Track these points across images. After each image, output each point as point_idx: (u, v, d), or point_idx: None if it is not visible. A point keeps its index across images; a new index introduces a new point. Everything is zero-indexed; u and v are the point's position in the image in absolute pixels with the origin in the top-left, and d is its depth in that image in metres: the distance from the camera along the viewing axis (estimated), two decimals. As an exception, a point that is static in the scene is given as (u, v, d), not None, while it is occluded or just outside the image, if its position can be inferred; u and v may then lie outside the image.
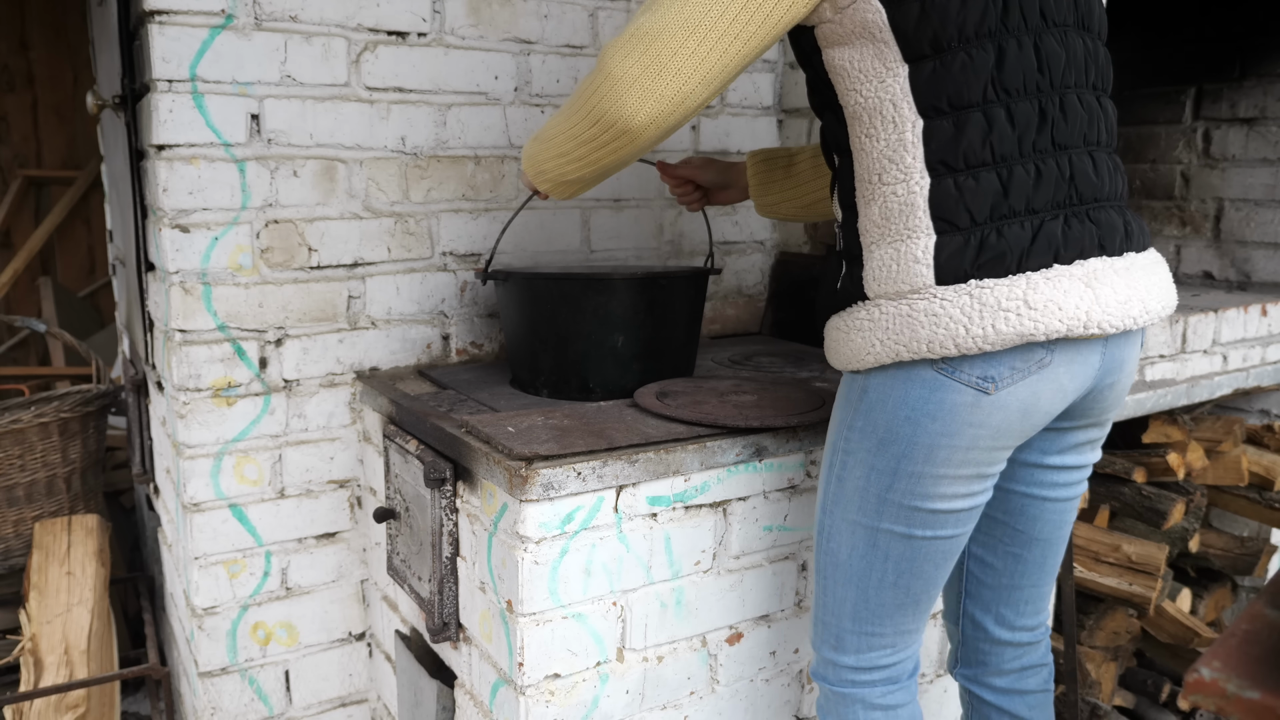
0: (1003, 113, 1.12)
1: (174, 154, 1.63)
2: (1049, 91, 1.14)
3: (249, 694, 1.84)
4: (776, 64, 2.28)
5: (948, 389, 1.15)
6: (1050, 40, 1.14)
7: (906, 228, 1.15)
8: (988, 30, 1.12)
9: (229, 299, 1.71)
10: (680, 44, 1.13)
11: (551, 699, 1.36)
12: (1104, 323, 1.12)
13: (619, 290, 1.63)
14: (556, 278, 1.69)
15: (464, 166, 1.90)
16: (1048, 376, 1.15)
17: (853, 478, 1.25)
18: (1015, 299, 1.10)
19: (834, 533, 1.29)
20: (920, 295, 1.14)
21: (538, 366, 1.69)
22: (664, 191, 2.15)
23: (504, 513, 1.33)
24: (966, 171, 1.13)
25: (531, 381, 1.71)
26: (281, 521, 1.81)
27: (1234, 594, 2.47)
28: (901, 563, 1.25)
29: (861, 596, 1.28)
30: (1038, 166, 1.13)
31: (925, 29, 1.12)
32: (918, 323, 1.14)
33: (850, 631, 1.31)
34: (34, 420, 2.37)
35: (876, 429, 1.21)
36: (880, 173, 1.18)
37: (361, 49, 1.76)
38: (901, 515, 1.22)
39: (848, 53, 1.18)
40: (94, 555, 2.25)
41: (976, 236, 1.12)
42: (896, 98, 1.15)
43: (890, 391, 1.19)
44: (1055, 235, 1.12)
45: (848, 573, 1.29)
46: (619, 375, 1.66)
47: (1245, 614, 0.67)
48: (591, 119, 1.21)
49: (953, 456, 1.17)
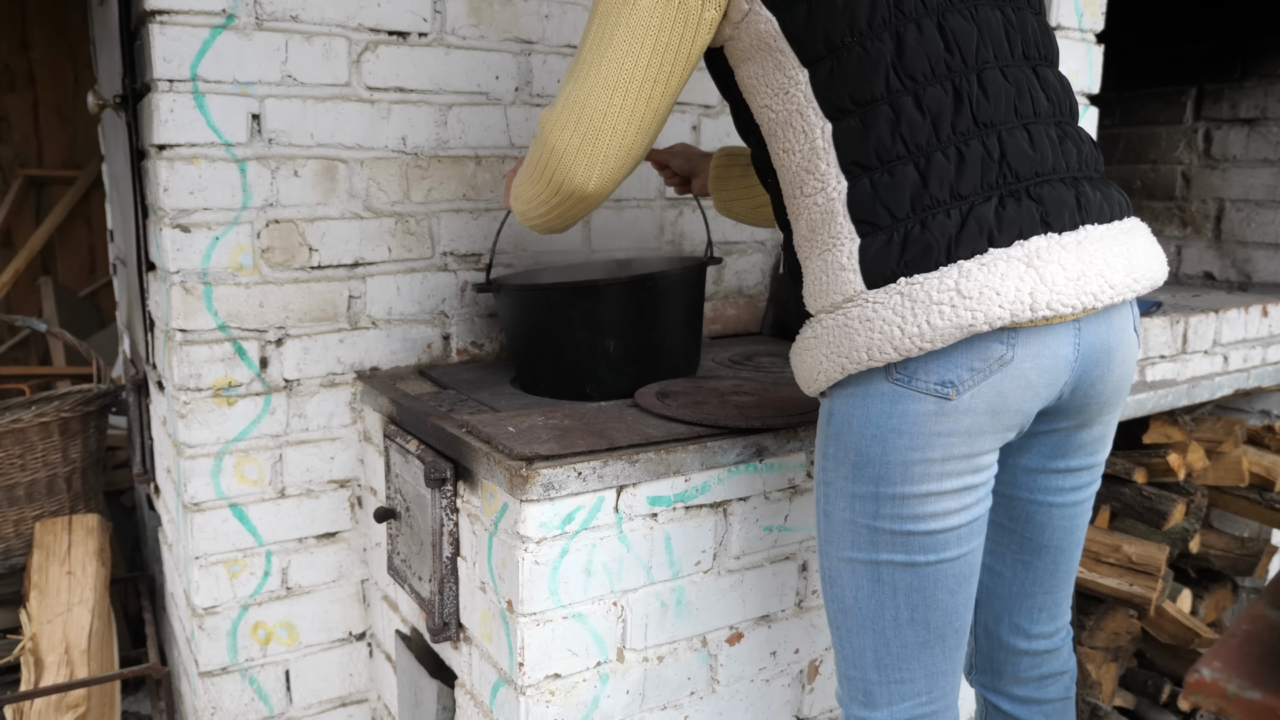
0: (910, 101, 1.08)
1: (175, 154, 1.63)
2: (963, 71, 1.09)
3: (249, 694, 1.84)
4: (777, 64, 2.28)
5: (907, 400, 1.09)
6: (956, 18, 1.10)
7: (831, 236, 1.12)
8: (881, 20, 1.08)
9: (230, 299, 1.71)
10: (607, 104, 1.18)
11: (552, 699, 1.36)
12: (1055, 304, 1.04)
13: (605, 296, 1.60)
14: (543, 288, 1.67)
15: (465, 166, 1.90)
16: (1012, 373, 1.08)
17: (837, 510, 1.18)
18: (947, 289, 1.04)
19: (835, 576, 1.21)
20: (853, 303, 1.10)
21: (536, 372, 1.69)
22: (665, 192, 2.15)
23: (504, 513, 1.33)
24: (881, 168, 1.09)
25: (533, 386, 1.71)
26: (282, 521, 1.82)
27: (1234, 595, 2.47)
28: (912, 594, 1.16)
29: (880, 641, 1.19)
30: (959, 150, 1.07)
31: (815, 29, 1.10)
32: (854, 331, 1.10)
33: (877, 683, 1.21)
34: (34, 420, 2.37)
35: (848, 454, 1.15)
36: (800, 185, 1.16)
37: (362, 49, 1.76)
38: (897, 543, 1.15)
39: (752, 68, 1.18)
40: (94, 555, 2.25)
41: (900, 232, 1.08)
42: (801, 105, 1.13)
43: (853, 411, 1.14)
44: (987, 218, 1.06)
45: (859, 618, 1.20)
46: (614, 380, 1.65)
47: (1246, 614, 0.67)
48: (551, 188, 1.26)
49: (930, 470, 1.11)
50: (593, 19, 1.19)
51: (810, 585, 1.59)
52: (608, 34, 1.17)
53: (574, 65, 1.21)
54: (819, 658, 1.64)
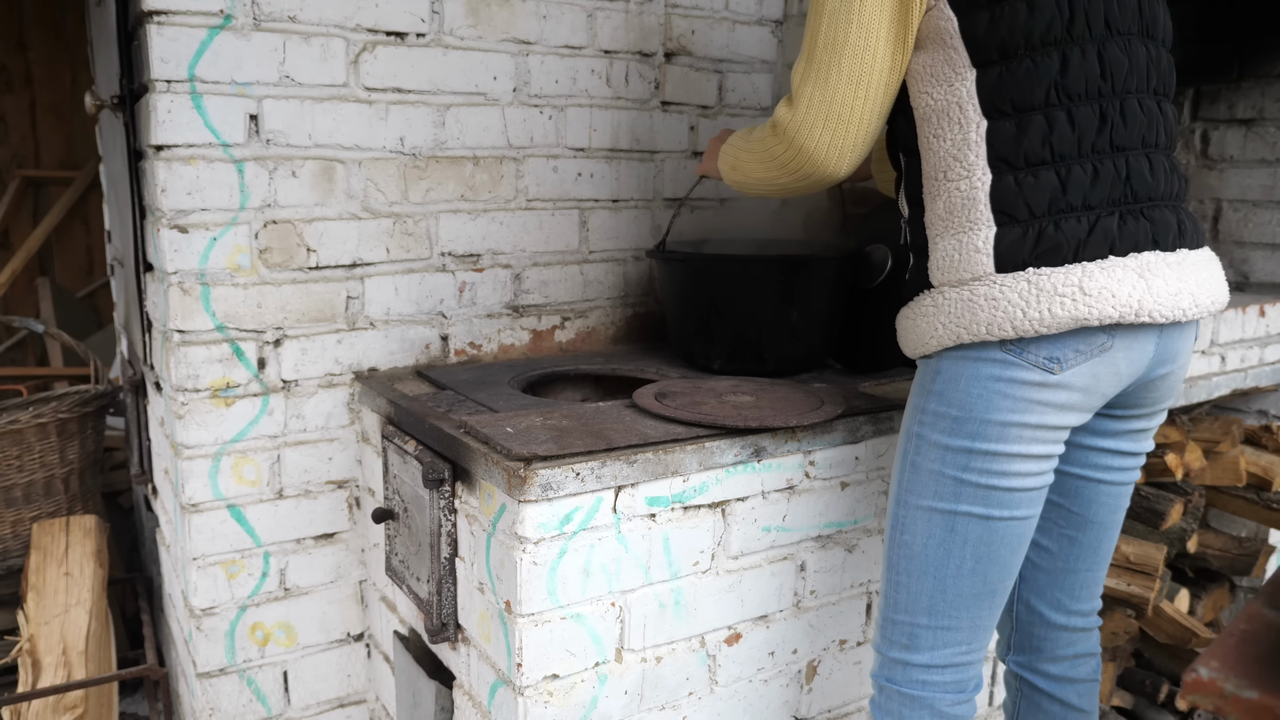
0: (1064, 115, 1.20)
1: (172, 154, 1.63)
2: (1110, 96, 1.22)
3: (247, 695, 1.84)
4: (775, 65, 2.29)
5: (1016, 368, 1.22)
6: (1113, 48, 1.22)
7: (969, 220, 1.24)
8: (1053, 39, 1.19)
9: (227, 299, 1.70)
10: (853, 99, 1.27)
11: (550, 699, 1.36)
12: (1155, 311, 1.19)
13: (808, 269, 1.78)
14: (741, 260, 1.83)
15: (463, 167, 1.90)
16: (1107, 360, 1.22)
17: (927, 462, 1.29)
18: (1071, 285, 1.18)
19: (909, 523, 1.32)
20: (981, 282, 1.23)
21: (711, 341, 1.84)
22: (661, 192, 2.15)
23: (502, 513, 1.33)
24: (1027, 169, 1.21)
25: (701, 356, 1.87)
26: (280, 522, 1.81)
27: (1232, 594, 2.47)
28: (980, 547, 1.28)
29: (939, 587, 1.31)
30: (1095, 166, 1.21)
31: (994, 37, 1.20)
32: (978, 306, 1.22)
33: (925, 627, 1.33)
34: (32, 421, 2.37)
35: (950, 409, 1.26)
36: (945, 170, 1.26)
37: (360, 49, 1.76)
38: (979, 496, 1.26)
39: (921, 57, 1.27)
40: (92, 556, 2.25)
41: (1035, 228, 1.20)
42: (963, 100, 1.23)
43: (962, 371, 1.26)
44: (1111, 229, 1.20)
45: (924, 563, 1.31)
46: (792, 348, 1.82)
47: (1243, 614, 0.67)
48: (797, 177, 1.36)
49: (1024, 434, 1.23)
50: (818, 19, 1.28)
51: (808, 585, 1.59)
52: (841, 32, 1.25)
53: (807, 66, 1.30)
54: (817, 658, 1.64)
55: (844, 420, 1.55)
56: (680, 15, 2.12)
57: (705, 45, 2.17)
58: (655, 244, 1.93)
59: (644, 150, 2.11)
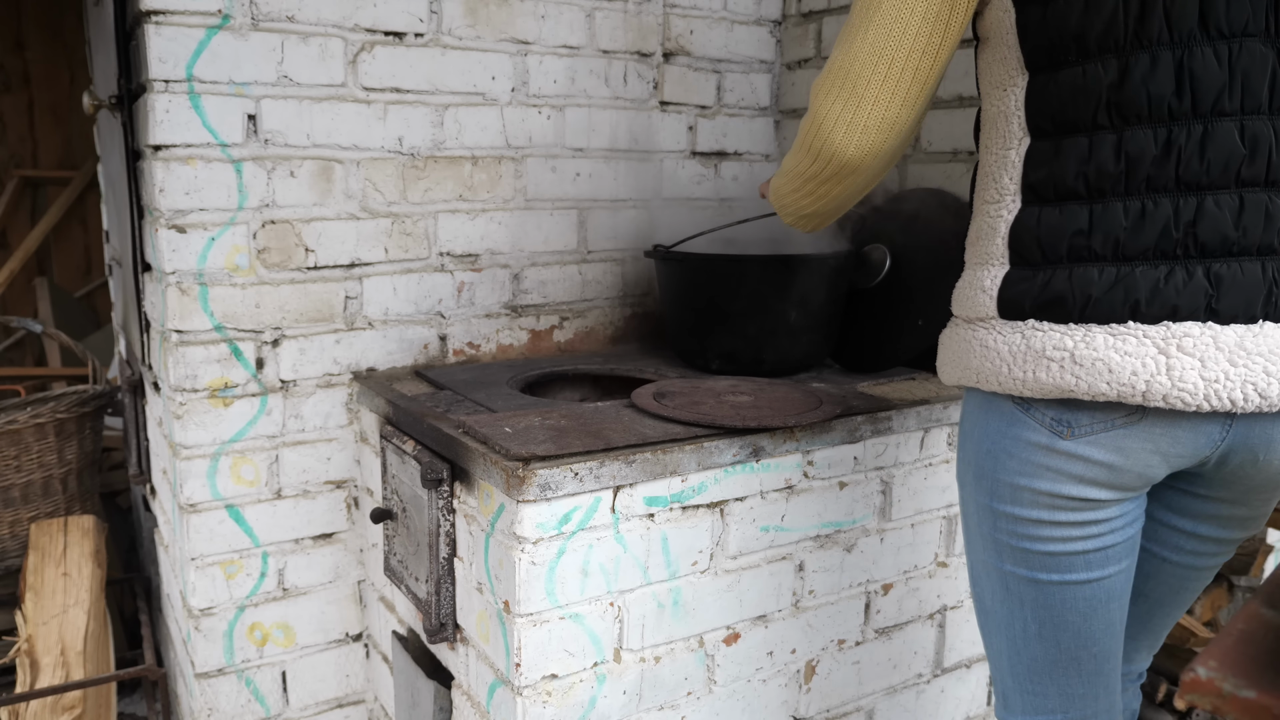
0: (1111, 140, 1.00)
1: (170, 154, 1.63)
2: (1186, 118, 0.97)
3: (246, 695, 1.83)
4: (774, 65, 2.29)
5: (1022, 425, 1.08)
6: (1204, 55, 0.96)
7: (985, 253, 1.11)
8: (1113, 43, 0.98)
9: (226, 299, 1.70)
10: (873, 72, 1.09)
11: (549, 699, 1.36)
12: (1172, 398, 0.97)
13: (800, 269, 1.77)
14: (739, 259, 1.81)
15: (461, 167, 1.90)
16: (1140, 434, 1.02)
17: (970, 515, 1.19)
18: (1062, 350, 1.01)
19: (977, 576, 1.22)
20: (983, 324, 1.10)
21: (708, 340, 1.84)
22: (660, 192, 2.15)
23: (501, 513, 1.33)
24: (1054, 203, 1.04)
25: (699, 355, 1.87)
26: (278, 522, 1.81)
27: (1230, 594, 2.47)
28: (1039, 610, 1.13)
29: (1013, 649, 1.18)
30: (1143, 206, 0.98)
31: (1044, 36, 1.03)
32: (971, 351, 1.11)
33: (1013, 690, 1.21)
34: (30, 421, 2.37)
35: (970, 462, 1.16)
36: (984, 189, 1.13)
37: (358, 49, 1.76)
38: (1019, 558, 1.12)
39: (986, 54, 1.13)
40: (90, 556, 2.25)
41: (1044, 275, 1.04)
42: (1010, 111, 1.08)
43: (975, 423, 1.14)
44: (1140, 287, 0.98)
45: (995, 621, 1.20)
46: (790, 348, 1.82)
47: (1241, 614, 0.67)
48: (811, 156, 1.19)
49: (1039, 500, 1.08)
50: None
51: (807, 585, 1.59)
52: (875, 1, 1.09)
53: (843, 32, 1.15)
54: (816, 658, 1.64)
55: (842, 420, 1.55)
56: (679, 15, 2.12)
57: (704, 45, 2.17)
58: (653, 244, 1.93)
59: (642, 150, 2.11)
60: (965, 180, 1.89)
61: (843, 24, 1.21)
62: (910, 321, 1.83)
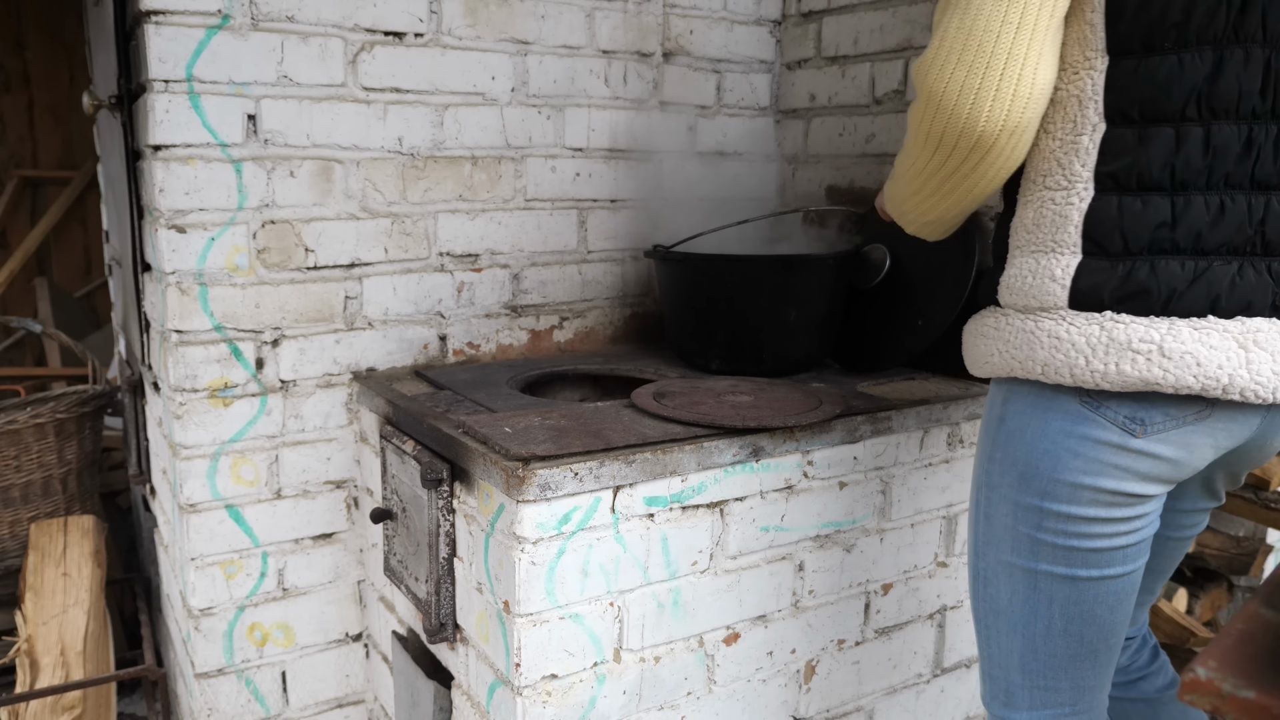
0: (1199, 134, 0.99)
1: (170, 154, 1.63)
2: (1265, 118, 0.99)
3: (245, 695, 1.83)
4: (774, 65, 2.29)
5: (1091, 424, 1.06)
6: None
7: (1054, 241, 1.07)
8: (1212, 35, 0.97)
9: (225, 299, 1.70)
10: (1002, 24, 1.00)
11: (548, 699, 1.36)
12: (1248, 392, 1.00)
13: (798, 269, 1.78)
14: (739, 259, 1.81)
15: (461, 167, 1.90)
16: (1204, 429, 1.04)
17: (999, 515, 1.16)
18: (1150, 343, 1.00)
19: (990, 577, 1.19)
20: (1049, 315, 1.07)
21: (709, 341, 1.84)
22: (660, 192, 2.15)
23: (501, 513, 1.33)
24: (1137, 193, 1.02)
25: (700, 355, 1.87)
26: (278, 522, 1.81)
27: (1230, 594, 2.47)
28: (1069, 607, 1.14)
29: (1029, 647, 1.18)
30: (1223, 202, 1.00)
31: (1141, 20, 0.99)
32: (1038, 342, 1.07)
33: (1021, 686, 1.20)
34: (30, 421, 2.37)
35: (1016, 462, 1.13)
36: (1045, 173, 1.09)
37: (358, 49, 1.76)
38: (1059, 556, 1.12)
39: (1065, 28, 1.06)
40: (90, 556, 2.25)
41: (1125, 266, 1.02)
42: (1085, 95, 1.04)
43: (1028, 423, 1.11)
44: (1220, 283, 1.00)
45: (1011, 620, 1.18)
46: (791, 349, 1.83)
47: (1241, 613, 0.67)
48: (932, 145, 1.08)
49: (1099, 498, 1.08)
50: None
51: (807, 585, 1.59)
52: None
53: (943, 2, 1.06)
54: (815, 658, 1.64)
55: (842, 420, 1.55)
56: (678, 15, 2.12)
57: (703, 45, 2.17)
58: (653, 244, 1.93)
59: (642, 150, 2.11)
60: (965, 180, 1.88)
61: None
62: (910, 321, 1.83)
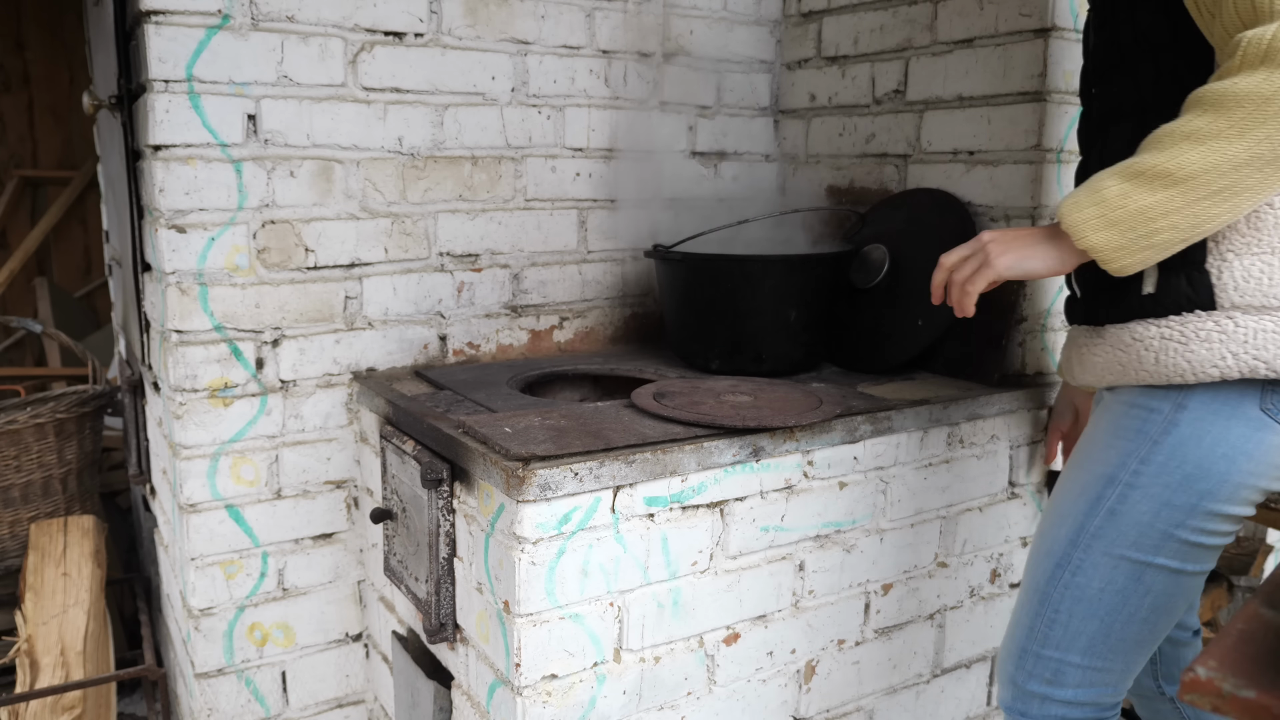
0: None
1: (170, 154, 1.63)
2: None
3: (245, 695, 1.83)
4: (774, 65, 2.29)
5: (1270, 430, 1.13)
6: None
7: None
8: None
9: (225, 299, 1.70)
10: None
11: (549, 699, 1.36)
12: None
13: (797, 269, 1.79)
14: (739, 259, 1.80)
15: (461, 167, 1.90)
16: None
17: (1135, 513, 1.20)
18: None
19: (1086, 567, 1.24)
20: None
21: (709, 341, 1.84)
22: (660, 192, 2.15)
23: (501, 513, 1.33)
24: None
25: (700, 355, 1.87)
26: (278, 522, 1.81)
27: (1230, 594, 2.47)
28: (1161, 598, 1.22)
29: (1104, 631, 1.24)
30: None
31: None
32: (1272, 341, 1.10)
33: (1076, 666, 1.26)
34: (30, 421, 2.37)
35: (1184, 465, 1.17)
36: None
37: (358, 49, 1.76)
38: (1182, 551, 1.19)
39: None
40: (90, 556, 2.25)
41: None
42: None
43: (1209, 428, 1.15)
44: None
45: (1094, 607, 1.24)
46: (789, 349, 1.83)
47: (1241, 614, 0.67)
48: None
49: (1251, 496, 1.17)
50: None
51: (807, 585, 1.59)
52: None
53: None
54: (816, 658, 1.64)
55: (842, 420, 1.55)
56: (679, 15, 2.12)
57: (704, 45, 2.17)
58: (653, 244, 1.93)
59: (642, 150, 2.11)
60: (965, 180, 1.88)
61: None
62: (910, 321, 1.83)
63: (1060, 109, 1.75)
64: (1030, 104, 1.76)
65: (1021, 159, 1.79)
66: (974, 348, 1.82)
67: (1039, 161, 1.76)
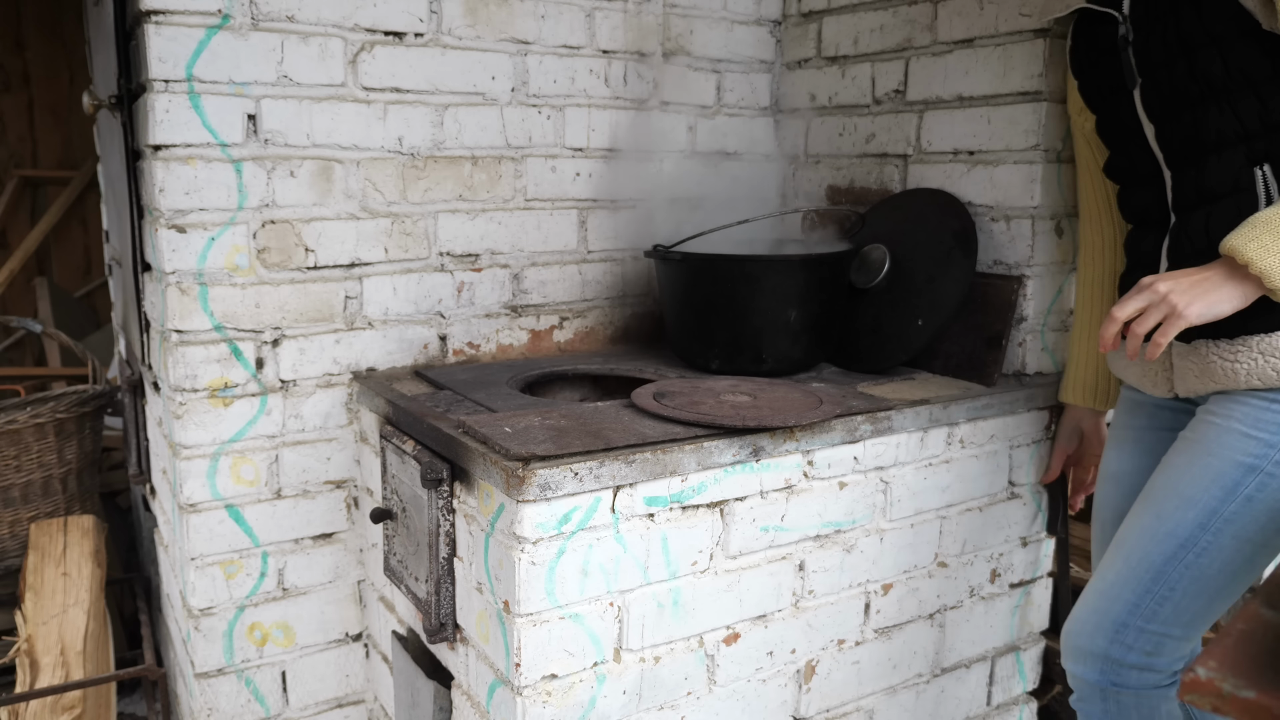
0: None
1: (170, 154, 1.63)
2: None
3: (245, 695, 1.83)
4: (774, 65, 2.29)
5: None
6: None
7: None
8: None
9: (225, 299, 1.70)
10: None
11: (549, 699, 1.36)
12: None
13: (798, 270, 1.79)
14: (739, 259, 1.81)
15: (461, 167, 1.90)
16: None
17: (1272, 500, 1.28)
18: None
19: (1212, 549, 1.31)
20: None
21: (710, 340, 1.84)
22: (660, 192, 2.15)
23: (501, 513, 1.33)
24: None
25: (700, 355, 1.87)
26: (278, 522, 1.81)
27: (1230, 594, 2.47)
28: (1255, 580, 1.34)
29: (1208, 606, 1.34)
30: None
31: None
32: None
33: (1176, 638, 1.36)
34: (30, 421, 2.37)
35: None
36: None
37: (358, 49, 1.76)
38: None
39: None
40: (90, 556, 2.25)
41: None
42: None
43: None
44: None
45: (1208, 586, 1.32)
46: (789, 349, 1.83)
47: (1241, 614, 0.67)
48: None
49: None
50: None
51: (807, 585, 1.59)
52: None
53: None
54: (816, 658, 1.64)
55: (842, 420, 1.55)
56: (679, 15, 2.12)
57: (703, 45, 2.17)
58: (653, 244, 1.93)
59: (643, 150, 2.11)
60: (965, 180, 1.88)
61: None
62: (910, 321, 1.83)
63: (1060, 109, 1.75)
64: (1030, 104, 1.76)
65: (1021, 159, 1.79)
66: (974, 348, 1.82)
67: (1039, 161, 1.76)
